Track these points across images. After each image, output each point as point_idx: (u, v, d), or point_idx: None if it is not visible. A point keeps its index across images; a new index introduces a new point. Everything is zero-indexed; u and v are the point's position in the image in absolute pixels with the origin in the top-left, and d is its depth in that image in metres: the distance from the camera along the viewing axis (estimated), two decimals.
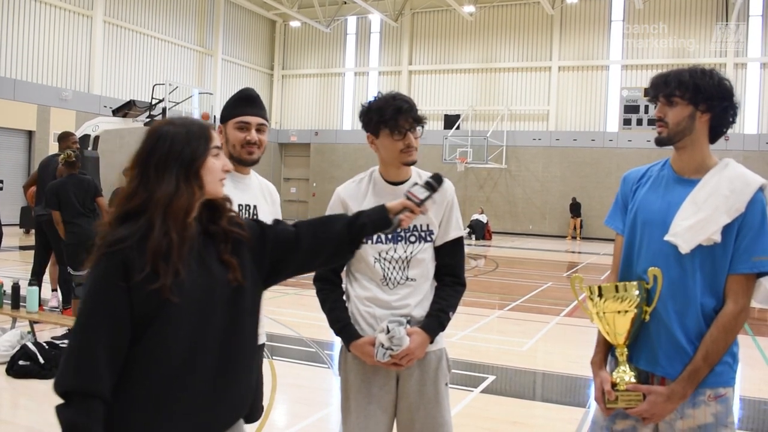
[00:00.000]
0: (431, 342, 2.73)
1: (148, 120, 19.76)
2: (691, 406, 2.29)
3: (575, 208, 27.79)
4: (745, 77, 27.00)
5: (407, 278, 2.76)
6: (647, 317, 2.36)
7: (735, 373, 2.35)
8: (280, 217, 2.97)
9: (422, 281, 2.78)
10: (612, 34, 28.78)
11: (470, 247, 22.20)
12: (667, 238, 2.33)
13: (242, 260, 1.94)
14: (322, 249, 2.13)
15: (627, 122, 27.33)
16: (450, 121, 30.24)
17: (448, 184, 2.84)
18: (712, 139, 2.42)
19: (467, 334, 8.10)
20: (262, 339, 2.96)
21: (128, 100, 20.72)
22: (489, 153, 28.35)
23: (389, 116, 2.67)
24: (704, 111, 2.34)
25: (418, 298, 2.76)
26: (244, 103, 2.89)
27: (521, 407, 5.64)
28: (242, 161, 2.88)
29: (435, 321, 2.73)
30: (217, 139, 1.93)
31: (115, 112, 19.63)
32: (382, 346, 2.61)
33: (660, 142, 2.40)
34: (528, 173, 29.50)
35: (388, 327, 2.62)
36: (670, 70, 2.42)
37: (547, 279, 14.00)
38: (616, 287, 2.36)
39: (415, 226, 2.77)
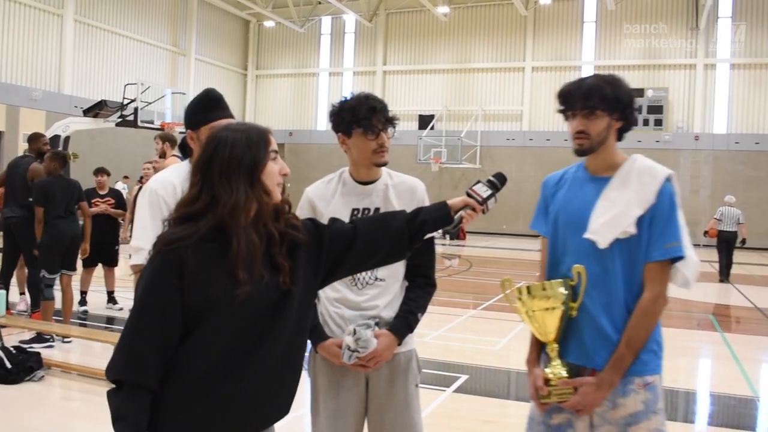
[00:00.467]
0: (399, 344, 2.73)
1: (119, 120, 19.57)
2: (621, 395, 2.38)
3: None
4: (715, 78, 27.40)
5: (376, 278, 2.75)
6: (574, 313, 2.46)
7: (661, 360, 2.46)
8: None
9: (392, 281, 2.78)
10: (584, 35, 29.03)
11: (444, 246, 22.27)
12: (586, 235, 2.44)
13: (296, 263, 1.95)
14: (380, 247, 2.14)
15: None
16: (424, 121, 30.31)
17: (418, 183, 2.86)
18: (619, 138, 2.54)
19: (440, 334, 8.12)
20: None
21: (99, 100, 20.48)
22: (463, 153, 28.47)
23: (363, 116, 2.67)
24: (618, 119, 2.47)
25: (388, 298, 2.75)
26: (216, 107, 2.83)
27: (494, 406, 5.67)
28: None
29: (403, 323, 2.73)
30: (274, 143, 1.96)
31: (86, 113, 19.41)
32: (349, 348, 2.61)
33: (581, 153, 2.51)
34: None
35: (354, 329, 2.62)
36: (577, 81, 2.51)
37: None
38: (543, 286, 2.46)
39: None
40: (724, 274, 15.20)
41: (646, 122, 27.33)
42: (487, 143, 29.73)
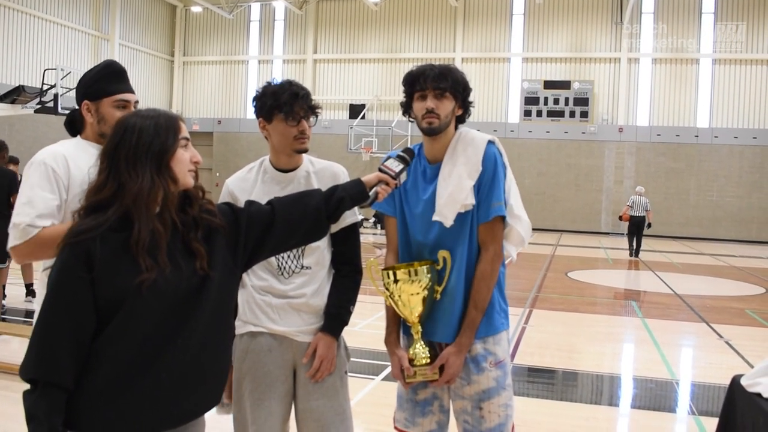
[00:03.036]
0: (337, 340, 2.73)
1: (38, 107, 18.86)
2: (476, 373, 2.57)
3: None
4: (638, 71, 28.20)
5: (302, 267, 2.72)
6: (438, 296, 2.59)
7: (506, 319, 2.67)
8: None
9: (318, 269, 2.74)
10: (513, 28, 29.44)
11: (376, 236, 22.30)
12: (434, 218, 2.57)
13: (213, 248, 1.94)
14: (298, 226, 2.16)
15: (527, 113, 28.11)
16: (355, 110, 30.25)
17: (340, 169, 2.83)
18: (455, 127, 2.69)
19: (370, 323, 8.09)
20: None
21: (17, 85, 19.67)
22: (394, 143, 28.52)
23: (284, 101, 2.64)
24: (460, 106, 2.65)
25: (315, 286, 2.72)
26: (119, 79, 2.69)
27: None
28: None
29: (337, 320, 2.73)
30: (185, 130, 1.93)
31: (3, 99, 18.62)
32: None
33: (431, 132, 2.62)
34: None
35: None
36: (427, 65, 2.68)
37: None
38: (410, 271, 2.56)
39: None
40: (636, 253, 17.89)
41: (572, 114, 27.93)
42: (418, 133, 29.42)
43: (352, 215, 2.82)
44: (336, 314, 2.72)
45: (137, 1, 30.63)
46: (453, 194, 2.52)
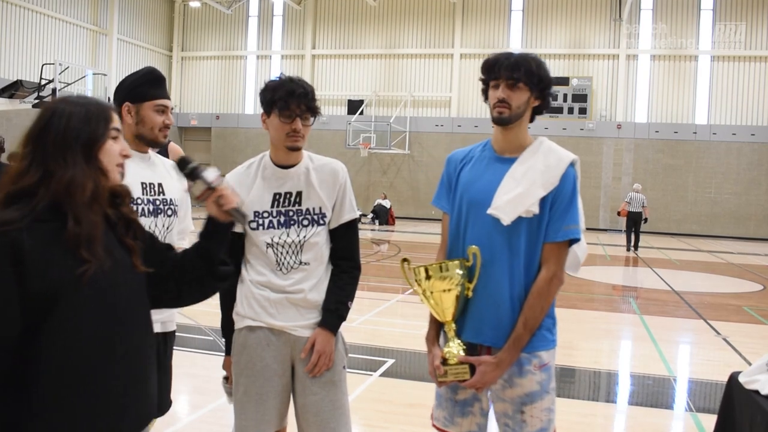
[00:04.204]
0: (335, 335, 2.75)
1: (36, 102, 18.83)
2: (518, 375, 2.48)
3: None
4: (636, 68, 28.20)
5: (301, 262, 2.73)
6: (470, 293, 2.52)
7: (555, 337, 2.57)
8: (188, 197, 2.92)
9: (316, 265, 2.75)
10: (512, 24, 29.40)
11: (373, 232, 22.31)
12: (489, 211, 2.48)
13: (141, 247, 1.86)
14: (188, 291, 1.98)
15: None
16: (353, 106, 30.21)
17: (340, 166, 2.83)
18: (531, 119, 2.62)
19: (368, 319, 8.11)
20: (172, 326, 2.93)
21: (15, 80, 19.63)
22: (392, 139, 28.52)
23: (279, 97, 2.64)
24: (536, 97, 2.55)
25: (313, 281, 2.74)
26: (159, 85, 2.86)
27: (419, 389, 5.69)
28: (158, 144, 2.88)
29: (335, 315, 2.74)
30: (117, 121, 1.83)
31: (1, 93, 18.59)
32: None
33: (501, 121, 2.54)
34: (431, 159, 29.83)
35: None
36: (503, 53, 2.55)
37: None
38: (440, 267, 2.51)
39: (308, 209, 2.74)
40: (635, 247, 18.94)
41: (570, 110, 27.92)
42: (416, 129, 29.86)
43: (351, 211, 2.83)
44: (334, 310, 2.74)
45: None
46: (521, 197, 2.45)
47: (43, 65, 19.78)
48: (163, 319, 2.83)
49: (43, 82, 18.87)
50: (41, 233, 1.63)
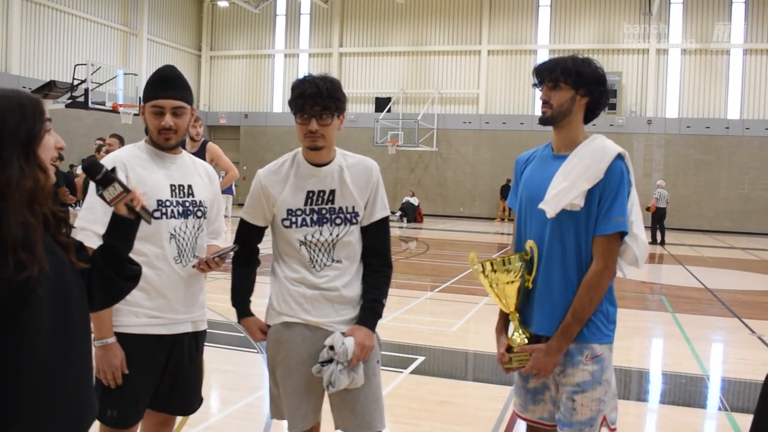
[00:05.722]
0: (373, 332, 2.78)
1: (69, 102, 19.09)
2: (571, 365, 2.57)
3: (506, 191, 28.21)
4: (667, 63, 27.84)
5: (333, 260, 2.75)
6: (530, 285, 2.66)
7: (611, 332, 2.63)
8: (220, 197, 2.92)
9: (349, 263, 2.78)
10: (540, 19, 29.20)
11: (402, 229, 22.32)
12: (540, 205, 2.60)
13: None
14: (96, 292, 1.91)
15: None
16: (381, 103, 30.23)
17: (373, 165, 2.84)
18: (588, 119, 2.70)
19: (398, 316, 8.13)
20: (203, 326, 2.93)
21: (48, 81, 19.92)
22: (420, 136, 28.48)
23: (292, 99, 2.66)
24: (583, 95, 2.62)
25: (346, 279, 2.76)
26: (159, 85, 2.73)
27: (450, 387, 5.70)
28: (161, 147, 2.79)
29: (370, 313, 2.77)
30: (48, 112, 1.74)
31: (34, 93, 18.83)
32: (335, 362, 2.64)
33: (544, 121, 2.66)
34: (458, 156, 29.76)
35: (326, 350, 2.66)
36: (552, 58, 2.68)
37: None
38: (503, 261, 2.65)
39: (341, 208, 2.75)
40: (662, 242, 19.83)
41: None
42: (444, 126, 29.79)
43: (383, 209, 2.84)
44: (370, 308, 2.77)
45: None
46: (566, 190, 2.53)
47: (75, 66, 20.03)
48: (194, 319, 2.85)
49: (76, 82, 19.12)
50: None
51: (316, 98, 2.61)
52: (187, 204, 2.80)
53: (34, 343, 1.62)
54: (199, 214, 2.85)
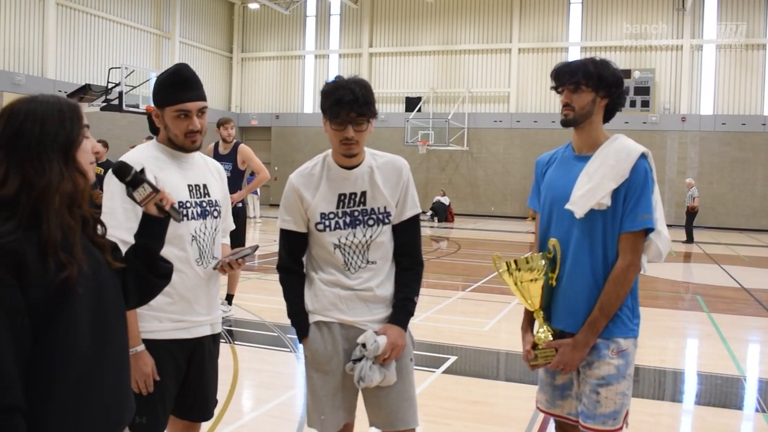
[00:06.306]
0: (405, 330, 2.79)
1: (104, 105, 19.39)
2: (597, 359, 2.64)
3: None
4: (701, 59, 27.43)
5: (368, 262, 2.77)
6: (554, 282, 2.74)
7: (635, 326, 2.70)
8: (228, 195, 2.92)
9: (383, 263, 2.80)
10: (571, 17, 28.95)
11: (433, 229, 22.29)
12: (567, 206, 2.67)
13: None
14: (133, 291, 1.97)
15: None
16: (411, 103, 30.21)
17: (403, 163, 2.85)
18: (607, 119, 2.77)
19: (429, 316, 8.14)
20: (219, 328, 2.91)
21: (83, 84, 20.26)
22: (450, 135, 28.42)
23: (328, 106, 2.62)
24: (603, 96, 2.69)
25: (380, 279, 2.78)
26: (182, 87, 2.64)
27: (482, 387, 5.69)
28: (185, 150, 2.73)
29: (402, 311, 2.79)
30: (85, 117, 1.80)
31: (70, 97, 19.04)
32: (365, 359, 2.67)
33: (566, 123, 2.75)
34: (489, 155, 29.64)
35: (358, 348, 2.70)
36: (571, 61, 2.77)
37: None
38: (526, 260, 2.72)
39: (372, 209, 2.76)
40: (690, 240, 20.34)
41: (633, 103, 27.33)
42: (475, 125, 29.68)
43: (414, 207, 2.84)
44: (402, 307, 2.79)
45: (196, 0, 31.16)
46: (593, 190, 2.60)
47: (109, 69, 20.36)
48: (212, 321, 2.83)
49: (110, 85, 19.42)
50: (31, 242, 1.60)
51: (353, 105, 2.58)
52: (205, 204, 2.77)
53: (76, 340, 1.66)
54: (216, 213, 2.82)
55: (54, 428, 1.64)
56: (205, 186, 2.80)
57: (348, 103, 2.57)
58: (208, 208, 2.78)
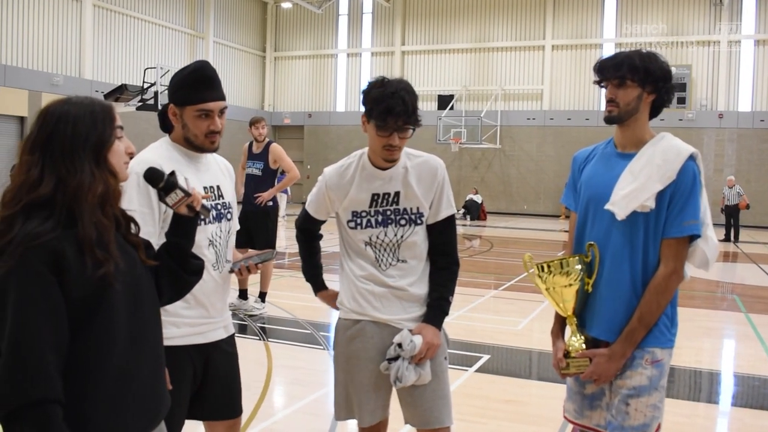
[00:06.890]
0: (440, 329, 2.79)
1: (140, 104, 19.66)
2: (629, 368, 2.48)
3: None
4: (739, 54, 26.95)
5: (398, 260, 2.77)
6: (589, 288, 2.57)
7: (673, 336, 2.54)
8: (234, 194, 2.90)
9: (415, 263, 2.80)
10: (605, 12, 28.64)
11: (465, 227, 22.23)
12: (607, 206, 2.50)
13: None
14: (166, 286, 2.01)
15: None
16: (444, 101, 30.15)
17: (439, 163, 2.85)
18: (652, 115, 2.61)
19: (462, 314, 8.13)
20: (232, 329, 2.86)
21: (120, 84, 20.58)
22: (483, 133, 28.30)
23: (377, 114, 2.60)
24: (650, 92, 2.53)
25: (413, 278, 2.78)
26: (204, 86, 2.56)
27: (515, 386, 5.68)
28: (204, 150, 2.66)
29: (437, 310, 2.79)
30: (119, 119, 1.83)
31: (107, 97, 19.50)
32: (402, 359, 2.68)
33: (610, 120, 2.57)
34: (522, 153, 29.47)
35: (393, 347, 2.70)
36: (616, 54, 2.57)
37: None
38: (561, 263, 2.56)
39: (405, 209, 2.77)
40: (733, 236, 19.85)
41: None
42: (507, 123, 29.52)
43: (449, 207, 2.84)
44: (437, 306, 2.79)
45: (230, 0, 31.43)
46: (636, 191, 2.44)
47: (145, 69, 20.65)
48: (225, 323, 2.78)
49: (146, 85, 19.69)
50: (70, 240, 1.65)
51: (402, 116, 2.58)
52: (219, 207, 2.71)
53: (115, 334, 1.71)
54: (229, 216, 2.77)
55: (95, 422, 1.69)
56: (218, 188, 2.75)
57: (398, 114, 2.57)
58: (222, 210, 2.73)
